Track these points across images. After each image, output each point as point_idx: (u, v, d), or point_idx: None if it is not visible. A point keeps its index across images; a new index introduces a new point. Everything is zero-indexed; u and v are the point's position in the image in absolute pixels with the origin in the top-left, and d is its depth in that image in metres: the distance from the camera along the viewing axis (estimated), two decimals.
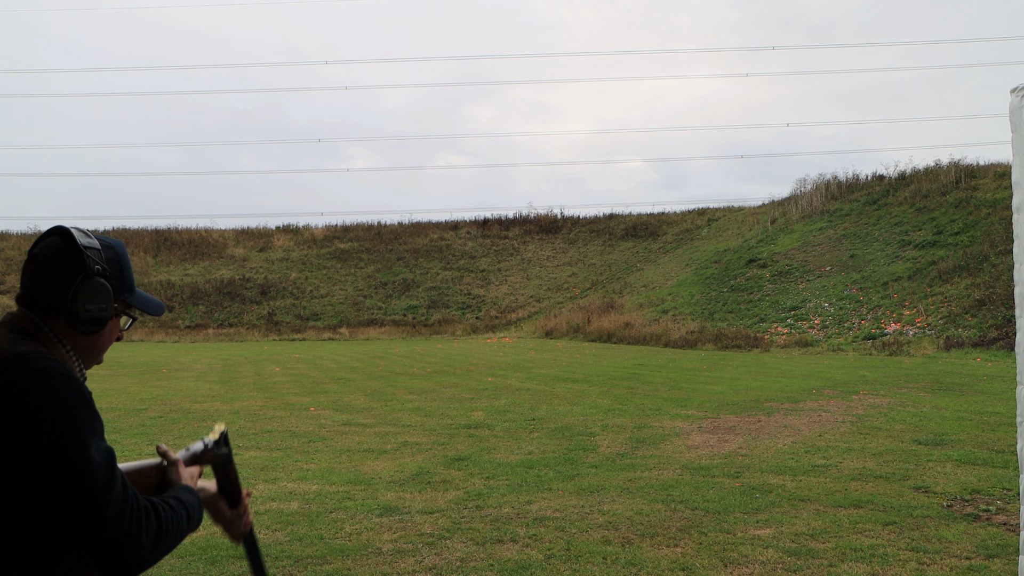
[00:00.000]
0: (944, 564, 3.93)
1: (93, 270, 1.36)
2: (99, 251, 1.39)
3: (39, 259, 1.37)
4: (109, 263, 1.40)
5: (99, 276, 1.37)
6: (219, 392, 12.40)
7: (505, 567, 4.01)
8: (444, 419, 9.10)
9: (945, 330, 18.31)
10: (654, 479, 5.88)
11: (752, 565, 3.97)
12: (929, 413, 8.75)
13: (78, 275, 1.35)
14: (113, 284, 1.40)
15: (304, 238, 44.21)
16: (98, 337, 1.43)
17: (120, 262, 1.43)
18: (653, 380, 13.19)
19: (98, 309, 1.37)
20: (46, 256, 1.37)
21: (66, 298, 1.35)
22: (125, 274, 1.44)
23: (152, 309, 1.52)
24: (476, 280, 39.46)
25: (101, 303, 1.37)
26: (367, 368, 17.04)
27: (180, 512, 1.38)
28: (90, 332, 1.39)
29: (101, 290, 1.37)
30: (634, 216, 44.39)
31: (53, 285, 1.35)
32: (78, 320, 1.36)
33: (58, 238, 1.38)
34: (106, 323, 1.41)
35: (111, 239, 1.45)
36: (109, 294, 1.39)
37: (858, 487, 5.52)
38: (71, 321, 1.36)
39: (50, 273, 1.36)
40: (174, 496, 1.40)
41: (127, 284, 1.45)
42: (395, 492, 5.64)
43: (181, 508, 1.39)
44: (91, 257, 1.36)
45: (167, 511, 1.34)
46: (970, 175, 27.10)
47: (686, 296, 28.04)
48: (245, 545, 1.69)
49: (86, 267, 1.35)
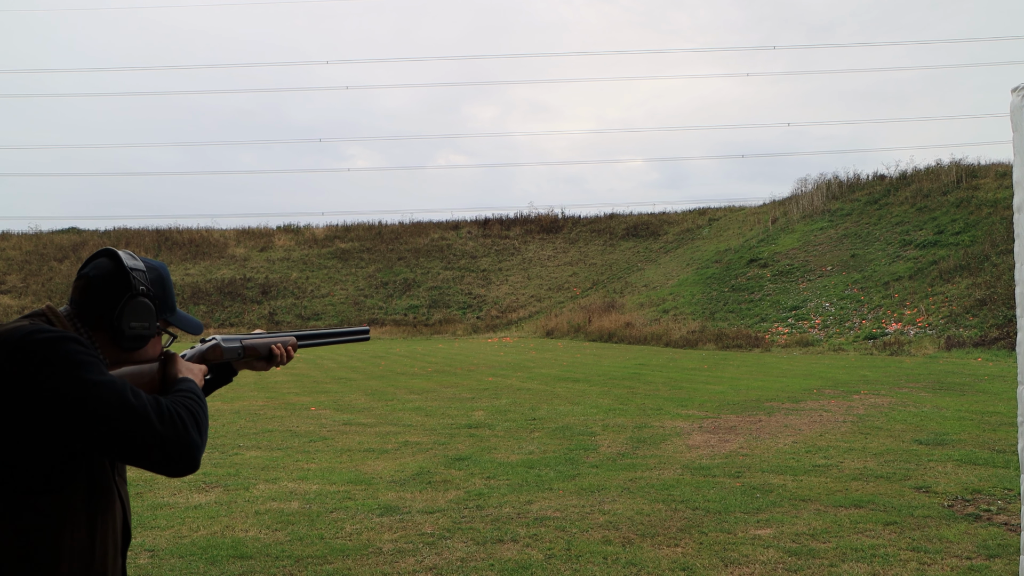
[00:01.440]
0: (945, 564, 3.93)
1: (138, 290, 1.45)
2: (144, 272, 1.49)
3: (89, 279, 1.45)
4: (153, 284, 1.50)
5: (144, 296, 1.46)
6: (220, 391, 12.38)
7: (506, 567, 4.00)
8: (445, 419, 9.10)
9: (946, 330, 18.30)
10: (655, 479, 5.88)
11: (753, 565, 3.97)
12: (930, 413, 8.74)
13: (124, 295, 1.44)
14: (156, 304, 1.50)
15: (305, 238, 44.22)
16: (139, 353, 1.52)
17: (163, 283, 1.53)
18: (654, 380, 13.18)
19: (142, 327, 1.47)
20: (96, 276, 1.45)
21: (112, 316, 1.43)
22: (167, 294, 1.54)
23: (191, 329, 1.63)
24: (477, 280, 39.46)
25: (145, 321, 1.47)
26: (368, 368, 17.04)
27: (193, 399, 1.45)
28: (133, 349, 1.49)
29: (145, 309, 1.47)
30: (635, 216, 44.40)
31: (101, 303, 1.44)
32: (123, 337, 1.45)
33: (107, 259, 1.48)
34: (148, 340, 1.50)
35: (155, 261, 1.55)
36: (152, 313, 1.48)
37: (859, 487, 5.51)
38: (115, 338, 1.45)
39: (98, 292, 1.44)
40: (178, 391, 1.47)
41: (169, 304, 1.55)
42: (396, 492, 5.64)
43: (190, 396, 1.46)
44: (137, 278, 1.46)
45: (187, 399, 1.43)
46: (971, 175, 27.08)
47: (687, 296, 28.03)
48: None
49: (132, 287, 1.45)
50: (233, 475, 6.23)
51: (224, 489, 5.78)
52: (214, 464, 6.67)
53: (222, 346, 1.75)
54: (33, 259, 40.07)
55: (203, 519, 4.96)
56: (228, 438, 7.97)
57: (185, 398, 1.42)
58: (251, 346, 1.83)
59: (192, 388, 1.48)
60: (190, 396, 1.44)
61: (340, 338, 2.13)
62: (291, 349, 1.92)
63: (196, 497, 5.55)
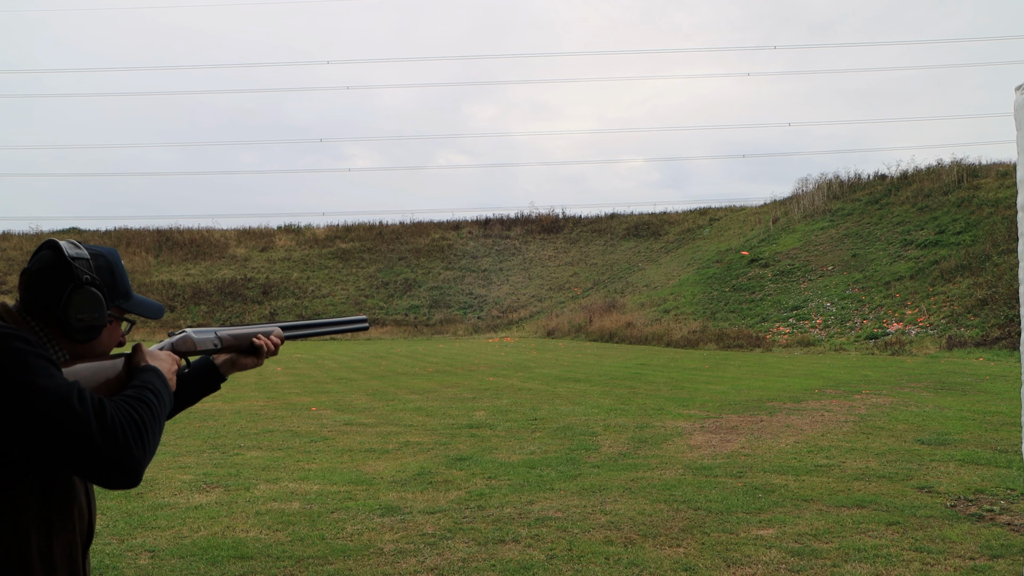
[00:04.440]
0: (948, 564, 3.92)
1: (82, 280, 1.39)
2: (88, 261, 1.42)
3: (31, 273, 1.41)
4: (99, 271, 1.44)
5: (89, 285, 1.40)
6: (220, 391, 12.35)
7: (507, 567, 3.99)
8: (446, 419, 9.09)
9: (947, 329, 18.28)
10: (656, 479, 5.87)
11: (755, 565, 3.96)
12: (932, 413, 8.73)
13: (67, 286, 1.39)
14: (104, 292, 1.43)
15: (306, 238, 44.24)
16: (95, 344, 1.46)
17: (112, 269, 1.47)
18: (655, 380, 13.17)
19: (90, 318, 1.41)
20: (38, 269, 1.40)
21: (58, 308, 1.38)
22: (118, 281, 1.48)
23: (150, 313, 1.55)
24: (478, 280, 39.46)
25: (93, 311, 1.41)
26: (369, 368, 17.03)
27: (147, 396, 1.36)
28: (85, 340, 1.42)
29: (91, 299, 1.40)
30: (636, 216, 44.39)
31: (45, 296, 1.39)
32: (72, 329, 1.39)
33: (49, 251, 1.42)
34: (100, 330, 1.44)
35: (103, 248, 1.49)
36: (100, 302, 1.42)
37: (861, 487, 5.50)
38: (66, 331, 1.39)
39: (41, 285, 1.39)
40: (133, 386, 1.39)
41: (120, 290, 1.48)
42: (397, 492, 5.63)
43: (145, 393, 1.37)
44: (79, 268, 1.40)
45: (138, 401, 1.33)
46: (972, 174, 27.05)
47: (688, 296, 28.02)
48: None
49: (75, 277, 1.39)
50: (234, 475, 6.23)
51: (225, 489, 5.77)
52: (215, 464, 6.66)
53: (192, 337, 1.67)
54: None
55: (204, 519, 4.95)
56: (229, 438, 7.96)
57: (136, 400, 1.33)
58: (228, 337, 1.74)
59: (150, 380, 1.41)
60: (144, 393, 1.36)
61: (335, 327, 2.03)
62: (276, 339, 1.84)
63: (197, 497, 5.54)
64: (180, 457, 6.99)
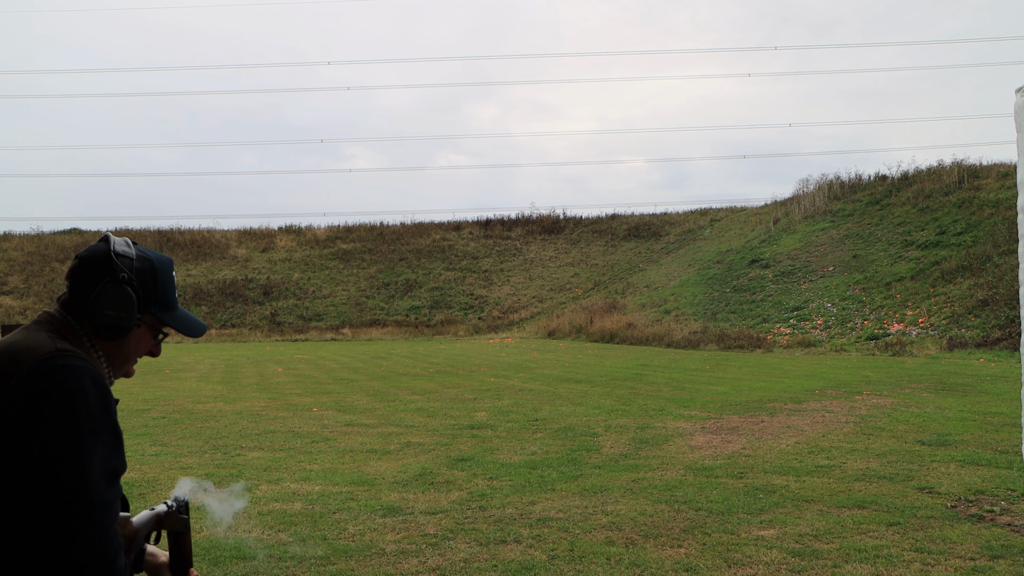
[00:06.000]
0: (948, 565, 3.92)
1: (119, 277, 1.38)
2: (131, 261, 1.41)
3: (80, 260, 1.41)
4: (139, 274, 1.42)
5: (125, 284, 1.39)
6: (222, 393, 12.40)
7: (508, 568, 4.00)
8: (447, 420, 9.10)
9: (948, 330, 18.27)
10: (657, 480, 5.88)
11: (756, 566, 3.96)
12: (932, 414, 8.74)
13: (104, 279, 1.38)
14: (139, 295, 1.41)
15: (306, 238, 44.26)
16: (121, 345, 1.43)
17: (154, 276, 1.44)
18: (656, 380, 13.18)
19: (117, 316, 1.38)
20: (86, 257, 1.40)
21: (89, 298, 1.37)
22: (159, 289, 1.45)
23: (189, 330, 1.52)
24: (478, 280, 39.47)
25: (121, 310, 1.38)
26: (370, 368, 17.04)
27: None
28: (109, 338, 1.40)
29: (123, 297, 1.38)
30: (636, 216, 44.42)
31: (83, 284, 1.38)
32: (98, 323, 1.37)
33: (103, 243, 1.42)
34: (127, 332, 1.41)
35: (156, 254, 1.47)
36: (132, 303, 1.39)
37: (862, 488, 5.51)
38: (93, 325, 1.38)
39: (82, 273, 1.39)
40: None
41: (159, 299, 1.45)
42: (398, 493, 5.64)
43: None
44: (120, 265, 1.39)
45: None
46: (973, 175, 27.05)
47: (689, 296, 28.02)
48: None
49: (113, 272, 1.38)
50: (235, 476, 6.23)
51: None
52: (217, 465, 6.67)
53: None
54: (35, 260, 40.12)
55: (205, 520, 4.95)
56: (230, 439, 7.97)
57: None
58: None
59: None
60: None
61: None
62: None
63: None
64: (182, 458, 7.00)
